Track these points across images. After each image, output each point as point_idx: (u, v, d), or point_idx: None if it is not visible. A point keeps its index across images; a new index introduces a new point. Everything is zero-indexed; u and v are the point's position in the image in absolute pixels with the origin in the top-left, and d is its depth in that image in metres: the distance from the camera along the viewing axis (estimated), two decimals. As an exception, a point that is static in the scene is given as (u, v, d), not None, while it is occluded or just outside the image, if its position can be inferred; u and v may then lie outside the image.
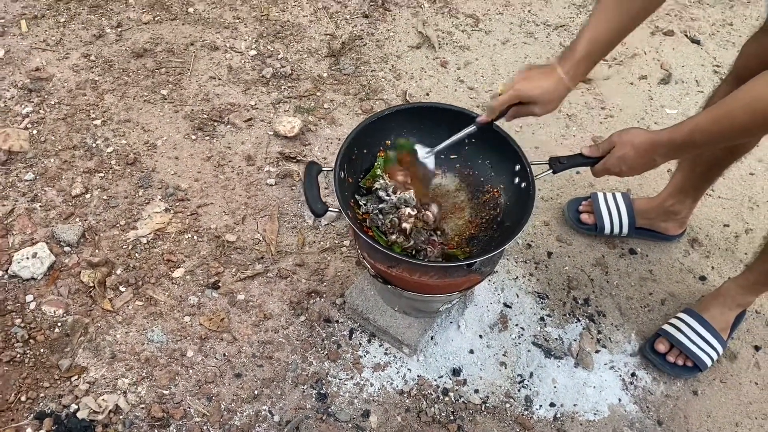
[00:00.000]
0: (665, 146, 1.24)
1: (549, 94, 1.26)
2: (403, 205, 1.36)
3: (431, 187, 1.46)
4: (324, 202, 1.25)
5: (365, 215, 1.36)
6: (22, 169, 1.85)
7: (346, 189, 1.34)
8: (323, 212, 1.24)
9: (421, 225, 1.36)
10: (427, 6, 2.51)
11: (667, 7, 2.62)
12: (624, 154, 1.29)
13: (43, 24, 2.26)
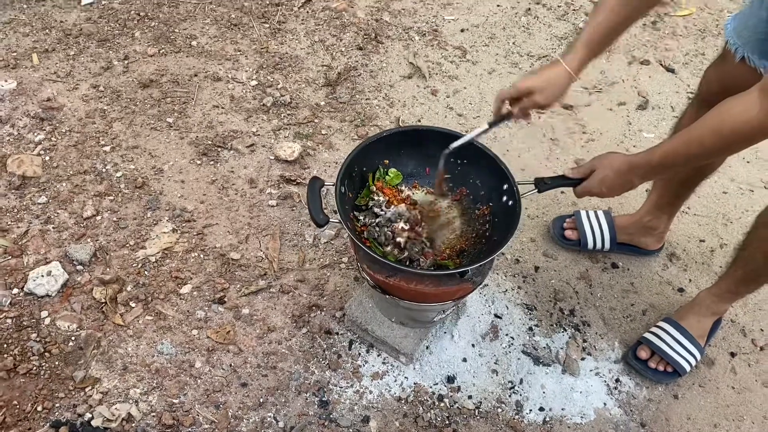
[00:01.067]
0: (642, 168, 1.35)
1: (549, 81, 1.38)
2: (396, 219, 1.47)
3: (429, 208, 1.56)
4: (325, 213, 1.35)
5: (363, 228, 1.47)
6: (36, 193, 1.94)
7: (346, 203, 1.44)
8: (325, 223, 1.34)
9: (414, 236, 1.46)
10: (418, 39, 2.66)
11: (643, 38, 2.79)
12: (604, 176, 1.40)
13: (54, 57, 2.37)
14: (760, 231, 1.53)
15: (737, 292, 1.70)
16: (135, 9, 2.62)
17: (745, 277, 1.63)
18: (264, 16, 2.65)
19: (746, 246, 1.59)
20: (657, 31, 2.84)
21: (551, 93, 1.40)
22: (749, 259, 1.59)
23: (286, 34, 2.59)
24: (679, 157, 1.29)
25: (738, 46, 1.47)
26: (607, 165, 1.40)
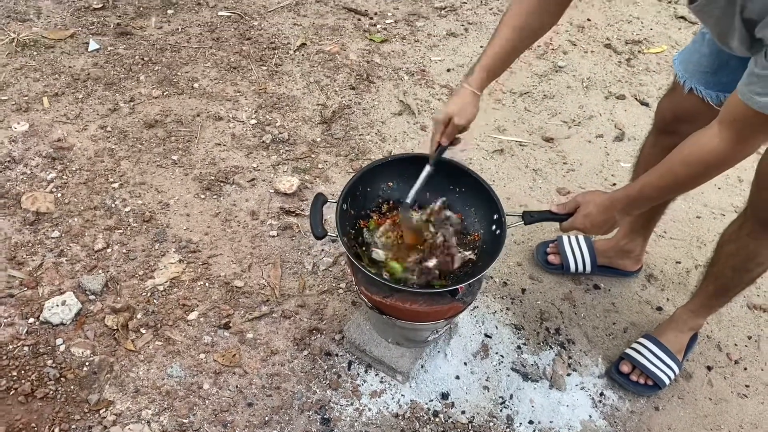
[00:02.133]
0: (622, 202, 1.46)
1: (460, 105, 1.49)
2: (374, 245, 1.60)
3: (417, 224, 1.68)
4: (324, 228, 1.47)
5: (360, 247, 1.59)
6: (49, 228, 2.05)
7: (346, 220, 1.56)
8: (323, 236, 1.46)
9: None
10: (407, 78, 2.82)
11: (618, 74, 2.97)
12: (588, 213, 1.51)
13: (63, 100, 2.51)
14: (726, 247, 1.67)
15: (711, 306, 1.83)
16: (139, 54, 2.77)
17: (717, 291, 1.76)
18: (262, 59, 2.81)
19: (715, 262, 1.72)
20: (631, 67, 3.02)
21: (467, 112, 1.50)
22: (719, 274, 1.72)
23: (282, 75, 2.75)
24: (655, 190, 1.41)
25: (686, 79, 1.62)
26: (590, 201, 1.51)
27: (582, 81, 2.91)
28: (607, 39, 3.17)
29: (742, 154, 1.25)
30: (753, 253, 1.61)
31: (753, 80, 1.12)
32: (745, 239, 1.60)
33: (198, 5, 3.10)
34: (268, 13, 3.10)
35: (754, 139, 1.22)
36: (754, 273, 1.67)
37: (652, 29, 3.29)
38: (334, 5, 3.20)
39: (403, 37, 3.05)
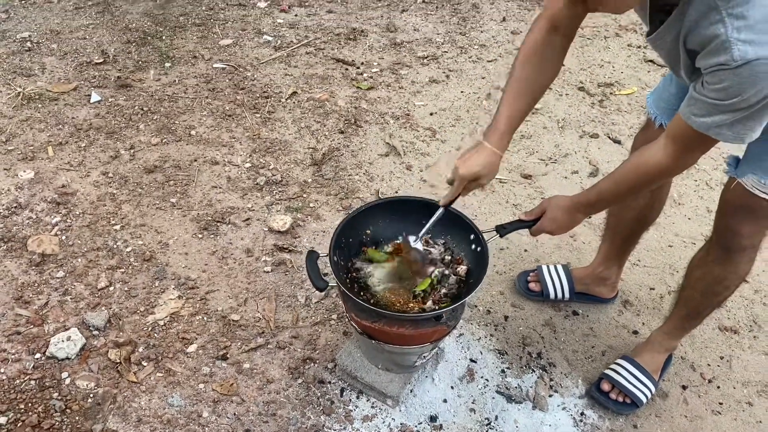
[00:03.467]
0: (583, 204, 1.62)
1: (487, 166, 1.60)
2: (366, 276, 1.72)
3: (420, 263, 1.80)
4: (324, 280, 1.59)
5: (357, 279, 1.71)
6: (54, 268, 2.16)
7: (340, 270, 1.68)
8: (324, 287, 1.58)
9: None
10: (392, 122, 2.99)
11: (591, 115, 3.15)
12: (554, 216, 1.66)
13: (67, 149, 2.65)
14: (694, 273, 1.80)
15: (684, 328, 1.94)
16: (138, 105, 2.93)
17: (689, 314, 1.88)
18: (255, 107, 2.98)
19: (685, 287, 1.85)
20: (604, 108, 3.21)
21: (492, 176, 1.64)
22: (689, 298, 1.84)
23: (275, 122, 2.91)
24: (610, 194, 1.56)
25: (657, 115, 1.79)
26: (555, 206, 1.66)
27: (557, 121, 3.08)
28: (581, 82, 3.37)
29: (683, 165, 1.42)
30: (719, 277, 1.73)
31: (692, 102, 1.27)
32: (711, 265, 1.73)
33: (194, 58, 3.29)
34: (261, 64, 3.29)
35: (694, 152, 1.38)
36: (722, 296, 1.79)
37: (622, 72, 3.49)
38: (323, 56, 3.40)
39: (388, 84, 3.24)
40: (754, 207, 1.55)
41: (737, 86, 1.14)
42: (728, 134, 1.25)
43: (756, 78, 1.11)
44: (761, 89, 1.13)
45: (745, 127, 1.23)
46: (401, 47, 3.53)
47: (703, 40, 1.18)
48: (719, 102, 1.20)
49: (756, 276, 2.40)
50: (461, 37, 3.67)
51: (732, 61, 1.11)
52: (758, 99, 1.15)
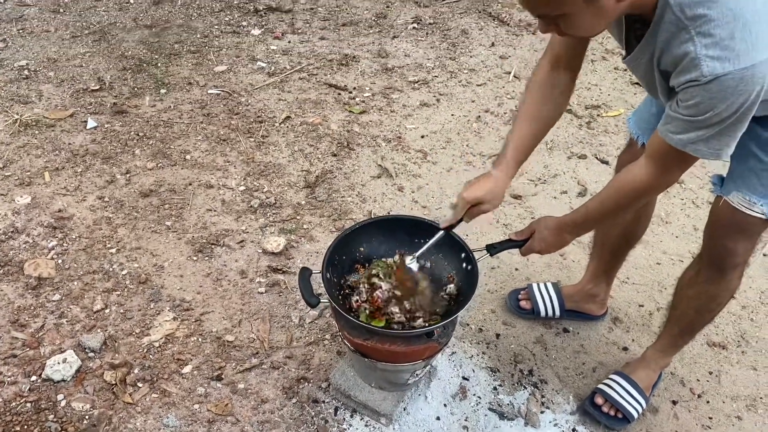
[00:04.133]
0: (570, 225, 1.65)
1: (492, 192, 1.65)
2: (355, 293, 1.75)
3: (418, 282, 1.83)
4: (316, 296, 1.62)
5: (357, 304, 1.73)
6: (50, 291, 2.18)
7: (333, 287, 1.72)
8: (316, 304, 1.61)
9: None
10: (384, 145, 3.04)
11: (579, 136, 3.22)
12: (543, 236, 1.69)
13: (64, 174, 2.69)
14: (686, 291, 1.83)
15: (677, 345, 1.97)
16: (134, 130, 2.98)
17: (682, 331, 1.91)
18: (249, 131, 3.03)
19: (677, 306, 1.88)
20: (591, 130, 3.28)
21: (496, 202, 1.69)
22: (681, 316, 1.87)
23: (269, 146, 2.96)
24: (596, 214, 1.60)
25: (639, 135, 1.84)
26: (543, 226, 1.69)
27: (546, 143, 3.15)
28: (568, 105, 3.44)
29: (665, 183, 1.46)
30: (713, 295, 1.77)
31: (668, 120, 1.32)
32: (703, 284, 1.76)
33: (189, 84, 3.35)
34: (255, 90, 3.35)
35: (674, 170, 1.42)
36: (715, 312, 1.83)
37: (609, 95, 3.57)
38: (316, 82, 3.46)
39: (380, 108, 3.30)
40: (745, 224, 1.59)
41: (708, 101, 1.19)
42: (705, 150, 1.29)
43: (725, 92, 1.16)
44: (732, 103, 1.18)
45: (720, 142, 1.27)
46: (392, 72, 3.60)
47: (674, 60, 1.23)
48: (693, 118, 1.24)
49: (743, 292, 2.44)
50: (451, 62, 3.75)
51: (702, 77, 1.17)
52: (730, 113, 1.20)
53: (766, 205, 1.52)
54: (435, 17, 4.20)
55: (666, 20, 1.20)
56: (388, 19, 4.16)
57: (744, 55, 1.12)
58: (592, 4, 1.15)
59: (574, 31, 1.27)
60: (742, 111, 1.20)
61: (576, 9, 1.17)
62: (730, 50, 1.13)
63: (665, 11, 1.20)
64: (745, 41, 1.12)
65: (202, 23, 3.94)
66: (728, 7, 1.12)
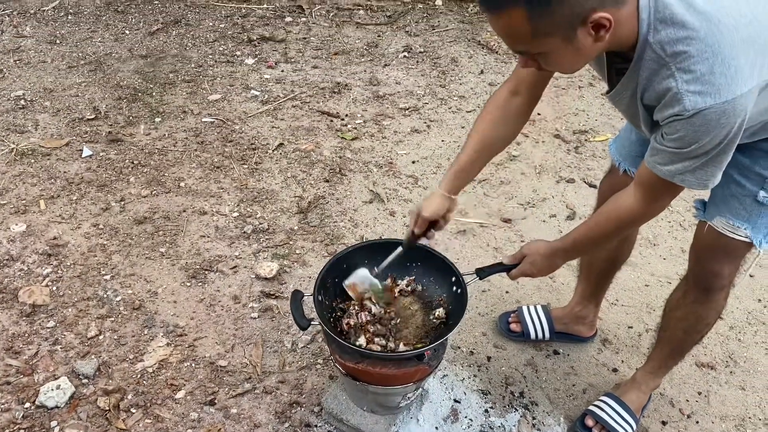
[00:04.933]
0: (560, 251, 1.67)
1: (439, 208, 1.71)
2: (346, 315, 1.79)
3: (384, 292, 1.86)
4: (307, 318, 1.65)
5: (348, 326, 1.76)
6: (45, 318, 2.20)
7: (324, 309, 1.75)
8: (307, 326, 1.64)
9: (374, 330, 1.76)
10: (376, 170, 3.09)
11: (568, 161, 3.27)
12: (534, 260, 1.71)
13: (59, 202, 2.72)
14: (674, 313, 1.86)
15: (667, 366, 2.00)
16: (129, 158, 3.02)
17: (672, 352, 1.94)
18: (243, 158, 3.08)
19: (665, 328, 1.91)
20: (579, 154, 3.34)
21: (431, 208, 1.72)
22: (671, 337, 1.90)
23: (262, 172, 3.00)
24: (586, 240, 1.63)
25: (620, 162, 1.89)
26: (534, 250, 1.71)
27: (535, 168, 3.20)
28: (557, 130, 3.51)
29: (654, 211, 1.49)
30: (701, 316, 1.81)
31: (655, 153, 1.36)
32: (691, 306, 1.80)
33: (183, 113, 3.40)
34: (249, 118, 3.40)
35: (662, 199, 1.46)
36: (703, 332, 1.87)
37: (597, 120, 3.65)
38: (309, 109, 3.53)
39: (372, 134, 3.36)
40: (729, 248, 1.63)
41: (693, 134, 1.23)
42: (692, 180, 1.34)
43: (708, 125, 1.21)
44: (716, 135, 1.22)
45: (706, 173, 1.32)
46: (384, 99, 3.67)
47: (657, 95, 1.28)
48: (679, 150, 1.29)
49: (731, 313, 2.48)
50: (441, 89, 3.82)
51: (685, 111, 1.21)
52: (714, 145, 1.24)
53: (749, 228, 1.57)
54: (425, 46, 4.29)
55: (647, 57, 1.25)
56: (379, 47, 4.24)
57: (724, 89, 1.17)
58: (570, 43, 1.20)
59: (553, 68, 1.32)
60: (725, 143, 1.24)
61: (553, 47, 1.21)
62: (711, 85, 1.17)
63: (645, 49, 1.24)
64: (725, 75, 1.17)
65: (197, 53, 4.02)
66: (707, 43, 1.17)
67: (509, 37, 1.24)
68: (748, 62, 1.18)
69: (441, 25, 4.59)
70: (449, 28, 4.56)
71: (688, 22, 1.18)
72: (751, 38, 1.19)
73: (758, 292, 2.59)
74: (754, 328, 2.43)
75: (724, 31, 1.17)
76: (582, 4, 1.13)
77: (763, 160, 1.50)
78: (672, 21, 1.19)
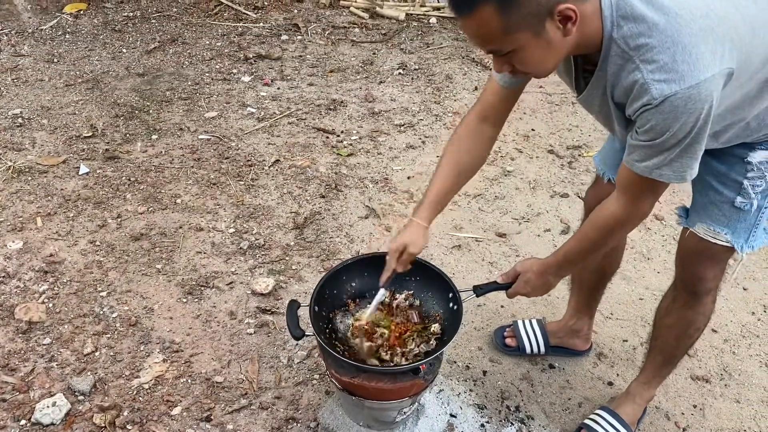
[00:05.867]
0: (552, 267, 1.69)
1: (412, 237, 1.70)
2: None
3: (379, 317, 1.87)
4: (301, 329, 1.66)
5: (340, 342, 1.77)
6: (41, 335, 2.20)
7: (320, 320, 1.76)
8: (301, 337, 1.64)
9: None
10: (371, 186, 3.12)
11: (561, 176, 3.30)
12: (528, 279, 1.73)
13: (55, 219, 2.73)
14: (665, 320, 1.89)
15: (661, 375, 2.01)
16: (126, 175, 3.04)
17: (664, 360, 1.95)
18: (239, 175, 3.10)
19: (657, 336, 1.93)
20: (573, 169, 3.37)
21: (419, 243, 1.72)
22: (663, 346, 1.92)
23: (258, 189, 3.02)
24: (576, 252, 1.64)
25: (604, 171, 1.92)
26: (528, 269, 1.72)
27: (529, 183, 3.23)
28: (550, 145, 3.55)
29: (638, 214, 1.50)
30: (690, 320, 1.83)
31: (631, 150, 1.39)
32: (680, 311, 1.83)
33: (180, 130, 3.43)
34: (245, 135, 3.43)
35: (644, 199, 1.47)
36: (694, 338, 1.89)
37: (590, 135, 3.68)
38: (305, 126, 3.56)
39: (367, 150, 3.39)
40: (711, 252, 1.67)
41: (663, 122, 1.27)
42: (670, 174, 1.36)
43: (677, 111, 1.24)
44: (685, 122, 1.25)
45: (682, 164, 1.34)
46: (379, 116, 3.70)
47: (626, 90, 1.32)
48: (652, 142, 1.32)
49: (725, 326, 2.49)
50: (436, 105, 3.86)
51: (653, 100, 1.24)
52: (685, 132, 1.27)
53: (729, 234, 1.60)
54: (420, 63, 4.34)
55: (612, 54, 1.30)
56: (374, 65, 4.29)
57: (688, 75, 1.21)
58: (541, 37, 1.24)
59: (525, 67, 1.35)
60: (696, 130, 1.27)
61: (524, 43, 1.26)
62: (675, 72, 1.22)
63: (611, 46, 1.29)
64: (687, 63, 1.21)
65: (194, 71, 4.05)
66: (666, 34, 1.22)
67: (482, 36, 1.28)
68: (707, 49, 1.22)
69: (435, 43, 4.64)
70: (443, 45, 4.61)
71: (648, 16, 1.23)
72: (708, 27, 1.23)
73: (752, 305, 2.61)
74: (748, 341, 2.44)
75: (681, 22, 1.22)
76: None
77: (738, 166, 1.54)
78: (633, 16, 1.25)
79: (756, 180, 1.54)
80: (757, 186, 1.54)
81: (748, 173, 1.54)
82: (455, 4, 1.25)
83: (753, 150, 1.52)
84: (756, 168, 1.52)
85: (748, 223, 1.60)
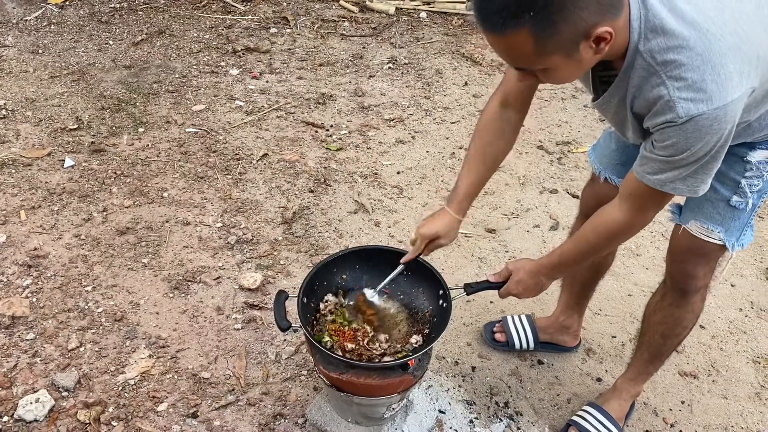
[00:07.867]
0: (546, 268, 1.68)
1: (446, 228, 1.72)
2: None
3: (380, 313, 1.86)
4: (288, 321, 1.64)
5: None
6: (24, 330, 2.16)
7: (307, 311, 1.74)
8: (287, 328, 1.63)
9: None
10: (361, 181, 3.10)
11: (551, 172, 3.30)
12: (520, 279, 1.72)
13: (40, 213, 2.69)
14: (653, 317, 1.89)
15: (648, 372, 2.01)
16: (112, 169, 3.00)
17: (651, 357, 1.96)
18: (227, 169, 3.07)
19: (645, 332, 1.93)
20: (562, 165, 3.37)
21: (451, 236, 1.75)
22: (650, 342, 1.92)
23: (246, 183, 2.99)
24: (572, 256, 1.64)
25: (601, 170, 1.91)
26: (520, 268, 1.72)
27: (519, 178, 3.23)
28: (540, 141, 3.54)
29: (642, 223, 1.50)
30: (678, 319, 1.83)
31: (644, 162, 1.38)
32: (669, 308, 1.83)
33: (167, 123, 3.39)
34: (233, 128, 3.40)
35: (650, 209, 1.47)
36: (681, 336, 1.89)
37: (579, 131, 3.68)
38: (294, 120, 3.53)
39: (357, 145, 3.36)
40: (703, 250, 1.66)
41: (684, 141, 1.25)
42: (683, 188, 1.35)
43: (701, 131, 1.23)
44: (707, 142, 1.24)
45: (696, 180, 1.34)
46: (369, 110, 3.68)
47: (648, 103, 1.29)
48: (671, 158, 1.30)
49: (713, 322, 2.50)
50: (426, 100, 3.85)
51: (678, 118, 1.23)
52: (705, 151, 1.26)
53: (722, 232, 1.60)
54: (410, 58, 4.32)
55: (637, 66, 1.27)
56: (364, 59, 4.26)
57: (716, 95, 1.19)
58: (572, 58, 1.20)
59: (552, 81, 1.32)
60: (716, 149, 1.27)
61: (556, 64, 1.22)
62: (703, 92, 1.20)
63: (636, 57, 1.26)
64: (716, 83, 1.19)
65: (181, 63, 4.00)
66: (696, 52, 1.19)
67: (512, 56, 1.24)
68: (735, 69, 1.21)
69: (425, 38, 4.62)
70: (433, 40, 4.59)
71: (678, 32, 1.20)
72: (737, 46, 1.21)
73: (739, 301, 2.62)
74: (735, 337, 2.46)
75: (712, 39, 1.20)
76: (585, 20, 1.13)
77: (737, 165, 1.53)
78: (662, 30, 1.22)
79: (753, 179, 1.53)
80: (755, 185, 1.54)
81: (746, 172, 1.53)
82: (487, 21, 1.16)
83: (753, 149, 1.51)
84: (755, 167, 1.52)
85: (741, 222, 1.60)
